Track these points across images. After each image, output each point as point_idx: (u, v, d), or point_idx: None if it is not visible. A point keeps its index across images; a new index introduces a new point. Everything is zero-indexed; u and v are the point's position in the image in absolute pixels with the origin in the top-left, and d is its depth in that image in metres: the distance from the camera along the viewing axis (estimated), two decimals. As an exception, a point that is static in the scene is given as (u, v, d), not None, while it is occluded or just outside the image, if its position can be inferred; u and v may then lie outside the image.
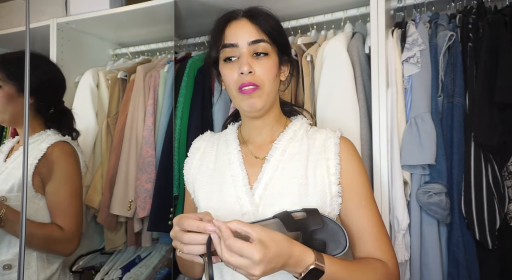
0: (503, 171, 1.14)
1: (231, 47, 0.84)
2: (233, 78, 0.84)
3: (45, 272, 1.20)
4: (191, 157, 0.97)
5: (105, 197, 1.60)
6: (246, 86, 0.82)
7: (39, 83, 1.21)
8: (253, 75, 0.82)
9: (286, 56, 0.91)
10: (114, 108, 1.75)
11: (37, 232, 1.13)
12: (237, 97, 0.85)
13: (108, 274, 1.65)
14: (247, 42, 0.83)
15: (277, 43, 0.87)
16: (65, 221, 1.16)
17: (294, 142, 0.89)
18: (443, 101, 1.21)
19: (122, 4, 1.74)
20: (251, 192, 0.84)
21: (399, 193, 1.18)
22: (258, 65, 0.83)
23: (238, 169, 0.87)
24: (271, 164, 0.86)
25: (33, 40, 1.85)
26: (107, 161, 1.66)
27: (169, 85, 1.60)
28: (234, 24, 0.86)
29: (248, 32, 0.84)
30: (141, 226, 1.60)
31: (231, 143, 0.92)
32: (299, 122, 0.94)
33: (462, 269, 1.12)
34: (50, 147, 1.20)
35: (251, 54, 0.84)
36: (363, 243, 0.82)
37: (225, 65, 0.86)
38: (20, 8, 1.94)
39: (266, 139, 0.91)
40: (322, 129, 0.93)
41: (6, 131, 1.99)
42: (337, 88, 1.27)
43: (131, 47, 1.97)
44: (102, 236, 1.75)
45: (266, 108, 0.86)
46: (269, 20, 0.87)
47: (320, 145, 0.88)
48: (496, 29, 1.16)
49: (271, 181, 0.84)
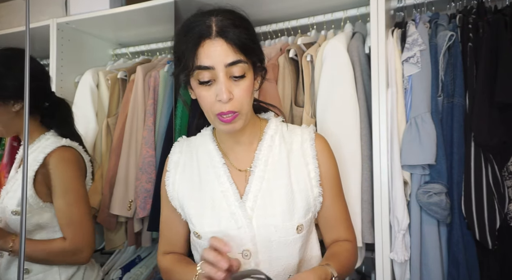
0: (503, 171, 1.14)
1: (206, 70, 0.78)
2: (210, 101, 0.80)
3: (66, 272, 1.20)
4: (171, 172, 0.95)
5: (105, 197, 1.60)
6: (225, 114, 0.79)
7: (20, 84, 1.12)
8: (232, 101, 0.79)
9: (260, 63, 0.86)
10: (114, 108, 1.75)
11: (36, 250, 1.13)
12: (215, 121, 0.83)
13: (108, 274, 1.65)
14: (223, 65, 0.77)
15: (252, 57, 0.82)
16: (68, 232, 1.14)
17: (273, 149, 0.90)
18: (443, 101, 1.21)
19: (122, 4, 1.74)
20: (242, 204, 0.85)
21: (399, 193, 1.18)
22: (236, 88, 0.79)
23: (227, 184, 0.88)
24: (257, 175, 0.87)
25: (33, 40, 1.85)
26: (107, 161, 1.66)
27: (169, 85, 1.60)
28: (207, 44, 0.77)
29: (224, 53, 0.77)
30: (141, 226, 1.60)
31: (213, 155, 0.91)
32: (273, 124, 0.93)
33: (462, 269, 1.12)
34: (47, 157, 1.15)
35: (228, 77, 0.79)
36: (336, 229, 0.94)
37: (201, 87, 0.80)
38: (20, 8, 1.94)
39: (245, 148, 0.92)
40: (296, 129, 0.95)
41: (6, 131, 1.99)
42: (337, 88, 1.27)
43: (131, 47, 1.97)
44: (102, 236, 1.75)
45: (244, 126, 0.86)
46: (242, 32, 0.79)
47: (297, 149, 0.91)
48: (496, 29, 1.16)
49: (260, 192, 0.86)
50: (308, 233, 0.90)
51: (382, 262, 1.19)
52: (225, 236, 0.83)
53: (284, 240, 0.85)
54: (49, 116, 1.24)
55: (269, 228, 0.84)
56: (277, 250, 0.85)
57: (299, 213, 0.86)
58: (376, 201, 1.20)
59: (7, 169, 1.82)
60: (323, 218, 0.94)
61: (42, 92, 1.22)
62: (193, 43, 0.78)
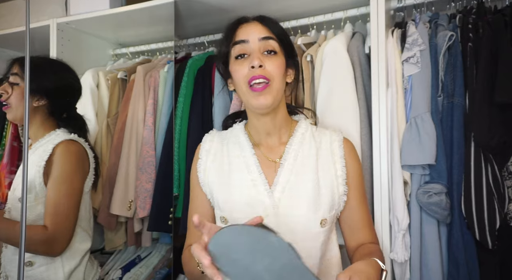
0: (503, 171, 1.15)
1: (241, 43, 0.89)
2: (244, 73, 0.87)
3: (69, 264, 1.23)
4: (203, 159, 0.99)
5: (105, 197, 1.60)
6: (256, 79, 0.85)
7: (53, 87, 1.27)
8: (263, 69, 0.86)
9: (292, 60, 0.96)
10: (114, 108, 1.75)
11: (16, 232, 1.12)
12: (247, 93, 0.88)
13: (108, 274, 1.65)
14: (257, 38, 0.88)
15: (285, 45, 0.92)
16: (52, 221, 1.14)
17: (303, 145, 0.95)
18: (443, 101, 1.21)
19: (122, 4, 1.74)
20: (271, 193, 0.89)
21: (399, 193, 1.18)
22: (268, 61, 0.87)
23: (256, 173, 0.91)
24: (286, 168, 0.91)
25: (33, 40, 1.85)
26: (107, 161, 1.66)
27: (169, 85, 1.60)
28: (245, 25, 0.92)
29: (259, 30, 0.89)
30: (141, 226, 1.60)
31: (244, 145, 0.96)
32: (304, 124, 0.99)
33: (462, 269, 1.12)
34: (55, 147, 1.21)
35: (261, 52, 0.88)
36: (363, 231, 0.95)
37: (236, 62, 0.90)
38: (20, 8, 1.94)
39: (276, 141, 0.96)
40: (325, 131, 1.00)
41: (6, 131, 1.99)
42: (337, 88, 1.27)
43: (131, 47, 1.97)
44: (102, 236, 1.75)
45: (275, 106, 0.90)
46: (278, 25, 0.93)
47: (326, 148, 0.95)
48: (496, 29, 1.16)
49: (288, 184, 0.90)
50: (330, 231, 0.93)
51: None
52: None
53: (308, 232, 0.87)
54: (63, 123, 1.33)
55: (294, 218, 0.87)
56: (301, 241, 0.86)
57: (324, 207, 0.89)
58: (376, 201, 1.20)
59: (7, 169, 1.82)
60: (348, 219, 0.96)
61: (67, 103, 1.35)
62: (233, 27, 0.93)
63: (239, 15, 0.97)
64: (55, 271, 1.20)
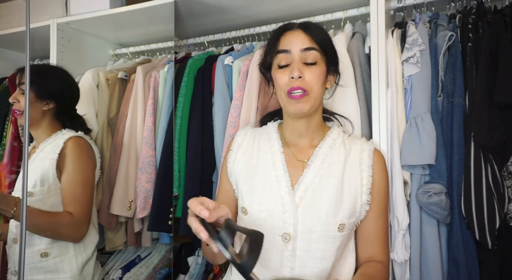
0: (503, 171, 1.15)
1: (284, 53, 0.92)
2: (284, 81, 0.91)
3: (82, 256, 1.30)
4: (234, 151, 1.03)
5: (105, 197, 1.60)
6: (295, 90, 0.89)
7: (60, 92, 1.35)
8: (303, 80, 0.90)
9: (334, 67, 0.98)
10: (114, 108, 1.75)
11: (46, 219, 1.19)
12: (286, 100, 0.92)
13: (108, 274, 1.65)
14: (299, 49, 0.91)
15: (327, 54, 0.94)
16: (75, 207, 1.23)
17: (333, 150, 0.97)
18: (443, 101, 1.21)
19: (122, 4, 1.74)
20: (292, 192, 0.91)
21: (399, 193, 1.18)
22: (307, 71, 0.90)
23: (281, 170, 0.94)
24: (312, 169, 0.94)
25: (33, 40, 1.85)
26: (107, 161, 1.66)
27: (169, 85, 1.60)
28: (289, 34, 0.94)
29: (301, 40, 0.91)
30: (141, 226, 1.60)
31: (274, 143, 0.99)
32: (336, 130, 1.02)
33: (462, 269, 1.12)
34: (66, 141, 1.30)
35: (302, 62, 0.91)
36: (373, 245, 0.96)
37: (278, 70, 0.93)
38: (20, 8, 1.94)
39: (307, 143, 0.99)
40: (357, 140, 1.03)
41: (6, 131, 1.99)
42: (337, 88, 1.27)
43: (131, 47, 1.97)
44: (102, 236, 1.75)
45: (311, 112, 0.93)
46: (322, 33, 0.95)
47: (355, 156, 0.98)
48: (496, 29, 1.15)
49: (311, 185, 0.92)
50: (348, 238, 0.94)
51: (382, 262, 1.19)
52: (270, 217, 0.90)
53: (324, 234, 0.88)
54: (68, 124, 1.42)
55: (312, 219, 0.89)
56: (317, 242, 0.88)
57: (344, 213, 0.90)
58: (376, 201, 1.19)
59: (7, 169, 1.82)
60: (364, 230, 0.97)
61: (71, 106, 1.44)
62: (277, 35, 0.96)
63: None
64: (69, 262, 1.27)
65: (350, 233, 0.94)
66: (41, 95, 1.32)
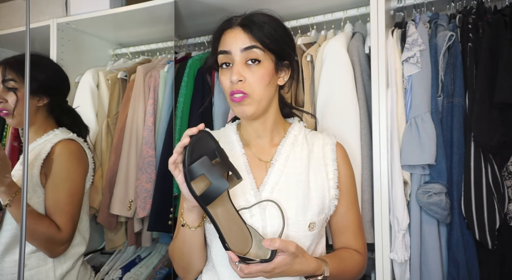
0: (503, 171, 1.15)
1: (224, 54, 0.87)
2: (227, 84, 0.87)
3: (61, 268, 1.20)
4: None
5: (105, 197, 1.61)
6: (235, 93, 0.85)
7: (52, 84, 1.26)
8: (243, 83, 0.85)
9: (286, 61, 0.91)
10: (114, 108, 1.75)
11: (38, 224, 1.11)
12: (230, 102, 0.89)
13: (108, 274, 1.65)
14: (239, 49, 0.85)
15: (272, 50, 0.87)
16: (62, 221, 1.14)
17: (295, 147, 0.94)
18: (443, 101, 1.21)
19: (122, 4, 1.74)
20: (258, 194, 0.88)
21: (399, 193, 1.18)
22: (249, 73, 0.85)
23: (244, 173, 0.90)
24: (276, 168, 0.90)
25: (33, 40, 1.85)
26: (107, 161, 1.67)
27: (169, 85, 1.60)
28: (228, 32, 0.88)
29: (241, 39, 0.86)
30: (141, 226, 1.60)
31: (234, 144, 0.95)
32: (297, 126, 0.98)
33: (462, 269, 1.12)
34: (54, 146, 1.20)
35: (244, 62, 0.86)
36: (344, 237, 0.95)
37: (221, 71, 0.89)
38: (20, 8, 1.94)
39: (267, 142, 0.95)
40: (318, 134, 0.99)
41: (6, 131, 1.99)
42: (337, 88, 1.27)
43: (131, 47, 1.97)
44: (102, 236, 1.76)
45: (258, 114, 0.89)
46: (264, 28, 0.87)
47: (318, 151, 0.95)
48: (496, 29, 1.16)
49: (277, 185, 0.89)
50: (319, 236, 0.91)
51: (382, 262, 1.19)
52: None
53: (295, 235, 0.86)
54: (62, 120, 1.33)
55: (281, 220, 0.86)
56: None
57: (312, 210, 0.88)
58: (376, 201, 1.20)
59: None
60: (335, 224, 0.96)
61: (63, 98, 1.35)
62: (217, 34, 0.90)
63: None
64: (46, 274, 1.17)
65: (320, 230, 0.92)
66: (35, 90, 1.22)
